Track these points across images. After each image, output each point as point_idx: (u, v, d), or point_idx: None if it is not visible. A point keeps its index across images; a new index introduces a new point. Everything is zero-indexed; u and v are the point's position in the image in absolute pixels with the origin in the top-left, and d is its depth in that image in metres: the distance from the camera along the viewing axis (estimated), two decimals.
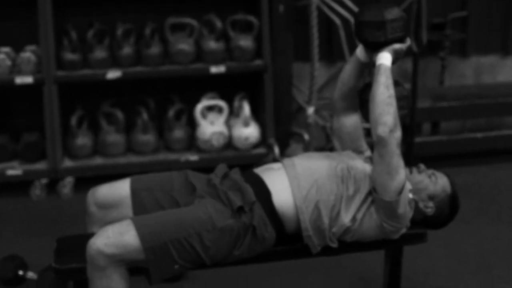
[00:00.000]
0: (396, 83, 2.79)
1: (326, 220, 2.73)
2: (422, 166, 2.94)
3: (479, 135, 5.31)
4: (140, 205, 2.81)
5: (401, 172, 2.65)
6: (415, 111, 4.82)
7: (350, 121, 3.02)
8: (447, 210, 2.92)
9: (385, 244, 2.91)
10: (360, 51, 2.89)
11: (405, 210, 2.73)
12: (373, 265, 3.56)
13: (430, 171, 2.94)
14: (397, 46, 2.73)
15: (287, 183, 2.78)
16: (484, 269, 3.76)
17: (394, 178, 2.64)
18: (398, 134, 2.62)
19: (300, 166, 2.82)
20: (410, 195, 2.78)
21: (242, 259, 2.73)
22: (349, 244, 2.82)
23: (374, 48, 2.78)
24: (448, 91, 5.54)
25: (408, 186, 2.77)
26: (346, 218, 2.74)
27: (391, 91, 2.66)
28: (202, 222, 2.62)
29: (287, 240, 2.81)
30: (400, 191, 2.66)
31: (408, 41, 2.80)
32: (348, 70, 2.97)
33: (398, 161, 2.63)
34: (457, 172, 4.24)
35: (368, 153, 3.01)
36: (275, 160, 4.61)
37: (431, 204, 2.88)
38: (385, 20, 2.67)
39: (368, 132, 2.92)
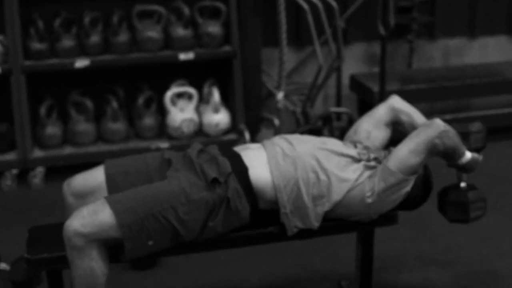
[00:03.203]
0: (473, 186, 3.07)
1: (306, 199, 2.76)
2: (392, 148, 2.97)
3: (447, 116, 5.34)
4: (116, 189, 2.79)
5: (418, 161, 2.78)
6: (384, 95, 4.84)
7: (385, 133, 3.14)
8: (420, 191, 2.96)
9: (357, 226, 2.93)
10: None
11: (400, 193, 2.82)
12: (345, 248, 3.58)
13: None
14: (476, 155, 2.98)
15: (265, 161, 2.80)
16: (454, 249, 3.80)
17: (410, 158, 2.76)
18: (444, 145, 2.81)
19: (279, 145, 2.85)
20: (409, 188, 2.84)
21: (216, 232, 2.73)
22: (321, 227, 2.83)
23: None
24: (416, 73, 5.57)
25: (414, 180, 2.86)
26: (337, 195, 2.79)
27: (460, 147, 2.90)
28: (176, 195, 2.62)
29: (262, 217, 2.82)
30: (409, 173, 2.77)
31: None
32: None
33: (424, 150, 2.77)
34: None
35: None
36: None
37: None
38: (468, 202, 3.00)
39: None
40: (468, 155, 2.94)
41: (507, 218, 4.14)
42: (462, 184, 3.06)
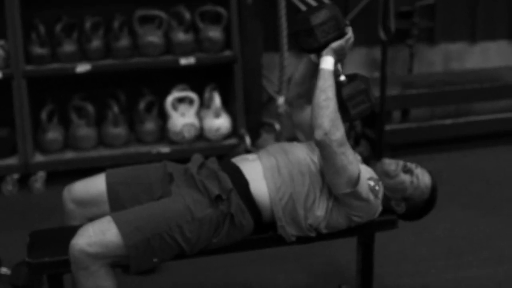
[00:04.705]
0: (354, 77, 2.79)
1: (301, 211, 2.75)
2: (409, 166, 2.94)
3: (448, 121, 5.35)
4: (116, 199, 2.80)
5: (349, 168, 2.65)
6: (385, 99, 4.85)
7: (308, 113, 2.90)
8: (417, 211, 2.98)
9: (357, 231, 2.93)
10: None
11: (367, 199, 2.75)
12: (346, 253, 3.59)
13: (415, 175, 2.92)
14: (335, 44, 2.72)
15: (261, 174, 2.79)
16: (455, 254, 3.80)
17: (342, 176, 2.66)
18: (337, 135, 2.60)
19: (275, 157, 2.83)
20: (371, 183, 2.78)
21: (220, 246, 2.74)
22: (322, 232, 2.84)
23: (314, 53, 2.79)
24: (417, 78, 5.58)
25: (366, 175, 2.78)
26: (319, 211, 2.77)
27: (329, 93, 2.64)
28: (182, 214, 2.62)
29: (266, 229, 2.82)
30: (354, 183, 2.68)
31: (349, 33, 2.77)
32: (301, 72, 2.96)
33: (342, 159, 2.63)
34: (427, 158, 4.27)
35: None
36: (247, 150, 4.63)
37: (402, 204, 2.92)
38: (312, 26, 2.66)
39: None
40: (327, 60, 2.69)
41: (506, 223, 4.14)
42: (342, 78, 2.76)
